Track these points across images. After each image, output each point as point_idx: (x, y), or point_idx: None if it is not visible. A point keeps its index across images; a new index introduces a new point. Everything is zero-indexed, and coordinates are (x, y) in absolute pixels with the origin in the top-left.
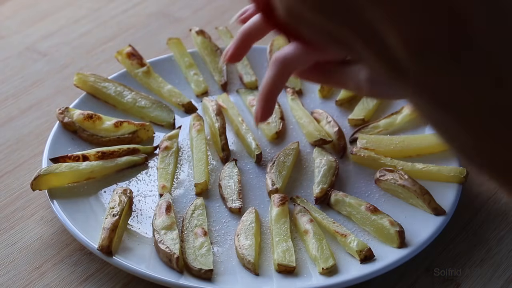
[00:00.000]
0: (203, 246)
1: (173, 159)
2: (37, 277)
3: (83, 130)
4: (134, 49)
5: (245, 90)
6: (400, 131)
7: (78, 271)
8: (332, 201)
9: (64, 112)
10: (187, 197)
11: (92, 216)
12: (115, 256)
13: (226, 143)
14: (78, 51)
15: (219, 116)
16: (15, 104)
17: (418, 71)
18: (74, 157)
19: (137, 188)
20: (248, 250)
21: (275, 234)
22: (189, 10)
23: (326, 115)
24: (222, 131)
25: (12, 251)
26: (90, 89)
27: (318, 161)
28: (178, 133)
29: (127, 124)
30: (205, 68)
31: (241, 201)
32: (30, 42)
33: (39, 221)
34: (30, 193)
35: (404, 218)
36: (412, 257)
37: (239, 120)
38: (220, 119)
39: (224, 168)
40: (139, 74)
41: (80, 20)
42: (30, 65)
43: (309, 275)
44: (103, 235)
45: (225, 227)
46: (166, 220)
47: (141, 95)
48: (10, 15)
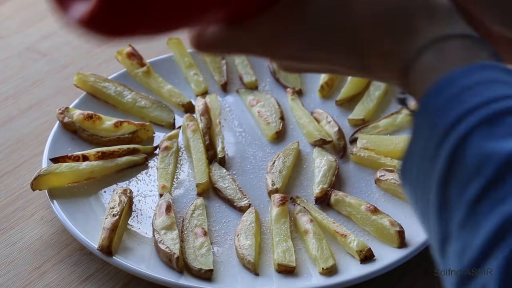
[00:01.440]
0: (203, 246)
1: (173, 159)
2: (37, 277)
3: (83, 130)
4: (134, 49)
5: (245, 90)
6: (400, 131)
7: (78, 271)
8: (332, 201)
9: (64, 112)
10: (187, 197)
11: (92, 216)
12: (115, 256)
13: (210, 143)
14: (78, 51)
15: (203, 116)
16: (15, 104)
17: None
18: (74, 157)
19: (137, 188)
20: (248, 250)
21: (275, 234)
22: None
23: (326, 115)
24: (206, 131)
25: (12, 251)
26: (90, 89)
27: (318, 161)
28: (178, 133)
29: (127, 124)
30: (205, 68)
31: (246, 198)
32: (30, 42)
33: (39, 221)
34: (30, 193)
35: (404, 218)
36: (412, 257)
37: (216, 122)
38: (205, 119)
39: (212, 172)
40: (139, 74)
41: None
42: (30, 65)
43: (309, 275)
44: (103, 235)
45: (225, 227)
46: (166, 220)
47: (141, 95)
48: (10, 15)
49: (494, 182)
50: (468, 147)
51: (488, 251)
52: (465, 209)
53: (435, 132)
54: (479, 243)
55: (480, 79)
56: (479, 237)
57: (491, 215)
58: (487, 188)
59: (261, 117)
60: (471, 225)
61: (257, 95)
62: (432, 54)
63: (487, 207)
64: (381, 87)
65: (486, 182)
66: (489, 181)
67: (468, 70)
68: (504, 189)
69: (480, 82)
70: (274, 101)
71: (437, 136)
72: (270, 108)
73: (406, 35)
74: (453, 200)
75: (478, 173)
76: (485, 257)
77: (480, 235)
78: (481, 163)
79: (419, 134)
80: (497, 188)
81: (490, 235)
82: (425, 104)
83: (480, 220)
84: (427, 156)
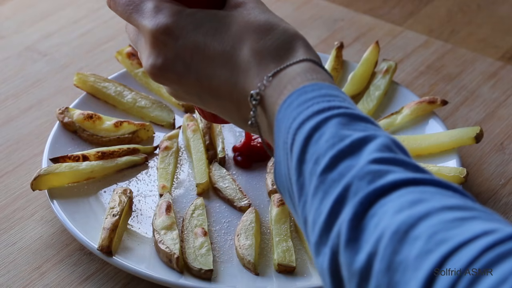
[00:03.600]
0: (203, 246)
1: (173, 159)
2: (37, 277)
3: (83, 130)
4: (134, 49)
5: None
6: (400, 131)
7: (78, 271)
8: None
9: (64, 112)
10: (187, 197)
11: (92, 216)
12: (115, 256)
13: (210, 143)
14: (78, 51)
15: None
16: (15, 104)
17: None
18: (74, 157)
19: (137, 188)
20: (248, 250)
21: (275, 234)
22: None
23: None
24: (206, 131)
25: (12, 251)
26: (90, 89)
27: None
28: (178, 133)
29: (127, 124)
30: None
31: (246, 198)
32: (30, 42)
33: (39, 221)
34: (30, 193)
35: None
36: None
37: None
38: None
39: (212, 172)
40: (139, 74)
41: (80, 20)
42: (30, 65)
43: (309, 275)
44: (103, 235)
45: (225, 227)
46: (166, 220)
47: (141, 95)
48: (10, 15)
49: (344, 154)
50: (324, 130)
51: (335, 209)
52: (316, 179)
53: (287, 136)
54: (329, 205)
55: (314, 95)
56: (329, 199)
57: (342, 181)
58: (337, 161)
59: None
60: (322, 193)
61: None
62: (273, 87)
63: (337, 175)
64: (381, 87)
65: (335, 156)
66: (338, 154)
67: (303, 88)
68: (354, 159)
69: (314, 97)
70: None
71: (289, 138)
72: None
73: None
74: (307, 177)
75: (328, 150)
76: (331, 218)
77: (331, 196)
78: (333, 142)
79: (278, 144)
80: (348, 159)
81: (338, 196)
82: (277, 119)
83: (330, 187)
84: (284, 159)
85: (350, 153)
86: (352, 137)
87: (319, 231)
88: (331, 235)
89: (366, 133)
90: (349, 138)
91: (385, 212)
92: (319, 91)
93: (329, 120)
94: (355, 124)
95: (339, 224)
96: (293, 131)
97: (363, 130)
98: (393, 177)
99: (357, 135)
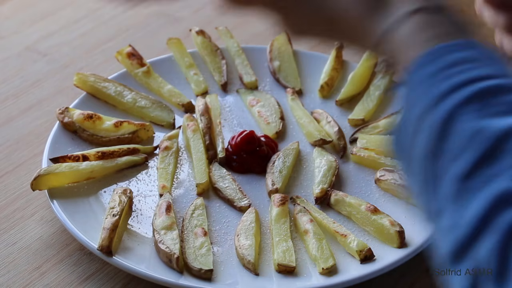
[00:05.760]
0: (203, 246)
1: (173, 159)
2: (37, 277)
3: (83, 130)
4: (134, 49)
5: (245, 90)
6: None
7: (78, 271)
8: (332, 201)
9: (64, 112)
10: (187, 197)
11: (92, 216)
12: (115, 256)
13: (210, 143)
14: (78, 51)
15: (203, 116)
16: (15, 104)
17: None
18: (74, 157)
19: (137, 188)
20: (248, 250)
21: (275, 234)
22: (189, 10)
23: (326, 115)
24: (206, 131)
25: (12, 251)
26: (90, 89)
27: (318, 161)
28: (178, 133)
29: (127, 124)
30: (205, 68)
31: (246, 198)
32: (30, 42)
33: (39, 221)
34: (30, 193)
35: (404, 218)
36: (412, 257)
37: (217, 122)
38: (205, 119)
39: (212, 172)
40: (139, 74)
41: (80, 20)
42: (30, 65)
43: (309, 275)
44: (103, 235)
45: (225, 227)
46: (166, 220)
47: (141, 95)
48: (10, 15)
49: (486, 158)
50: (459, 121)
51: (481, 228)
52: (455, 183)
53: (423, 101)
54: (470, 220)
55: (465, 56)
56: (470, 213)
57: (483, 191)
58: (479, 163)
59: (261, 117)
60: (462, 200)
61: (257, 95)
62: (408, 27)
63: (479, 183)
64: (381, 87)
65: (477, 158)
66: (480, 156)
67: (454, 45)
68: (496, 165)
69: (465, 60)
70: (274, 101)
71: (426, 105)
72: (270, 108)
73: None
74: (441, 173)
75: (468, 147)
76: (476, 236)
77: (471, 210)
78: (472, 138)
79: (407, 103)
80: (490, 164)
81: (482, 212)
82: (411, 76)
83: (471, 196)
84: (411, 126)
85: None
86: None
87: (461, 241)
88: (472, 256)
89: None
90: (491, 132)
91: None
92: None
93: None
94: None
95: (483, 248)
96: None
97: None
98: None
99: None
